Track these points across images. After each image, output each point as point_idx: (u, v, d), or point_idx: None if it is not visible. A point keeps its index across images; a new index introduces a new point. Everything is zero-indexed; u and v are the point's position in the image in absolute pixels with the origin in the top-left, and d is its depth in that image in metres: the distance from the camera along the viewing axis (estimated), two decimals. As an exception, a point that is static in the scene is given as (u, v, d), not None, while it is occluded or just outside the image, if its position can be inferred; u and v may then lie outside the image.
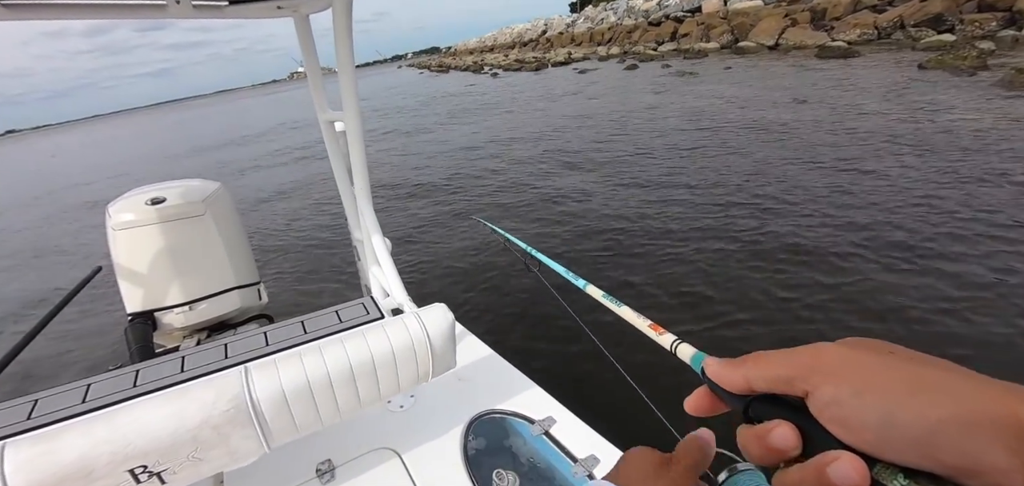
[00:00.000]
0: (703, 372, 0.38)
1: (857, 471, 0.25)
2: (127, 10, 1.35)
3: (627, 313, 0.65)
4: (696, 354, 0.41)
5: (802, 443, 0.28)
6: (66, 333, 4.34)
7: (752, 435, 0.30)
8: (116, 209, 1.82)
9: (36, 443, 0.79)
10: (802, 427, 0.28)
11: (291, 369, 0.95)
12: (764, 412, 0.31)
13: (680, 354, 0.45)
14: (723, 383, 0.34)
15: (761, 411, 0.32)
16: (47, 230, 9.16)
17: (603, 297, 0.78)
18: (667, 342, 0.49)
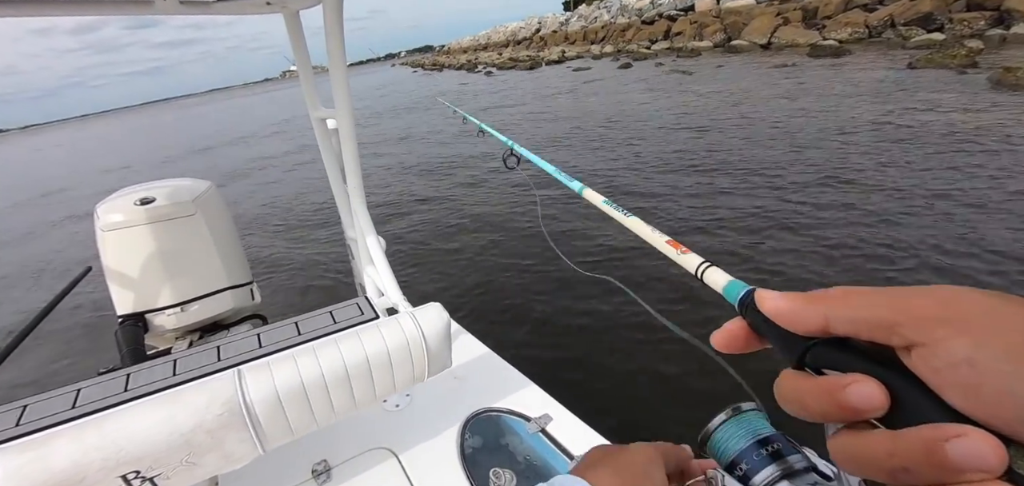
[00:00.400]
0: (743, 304, 0.33)
1: (996, 453, 0.20)
2: (112, 6, 1.33)
3: (637, 225, 0.54)
4: (732, 282, 0.36)
5: (890, 406, 0.23)
6: (52, 333, 4.29)
7: (817, 387, 0.25)
8: (104, 209, 1.79)
9: (25, 450, 0.77)
10: (892, 386, 0.23)
11: (285, 371, 0.94)
12: (831, 360, 0.26)
13: (708, 280, 0.39)
14: (789, 319, 0.28)
15: (827, 358, 0.26)
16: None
17: (605, 204, 0.66)
18: (691, 265, 0.42)
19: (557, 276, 3.95)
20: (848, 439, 0.25)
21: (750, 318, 0.32)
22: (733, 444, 0.39)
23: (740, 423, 0.39)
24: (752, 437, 0.38)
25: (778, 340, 0.30)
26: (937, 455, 0.21)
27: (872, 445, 0.23)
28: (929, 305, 0.23)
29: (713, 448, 0.40)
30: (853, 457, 0.24)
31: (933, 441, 0.21)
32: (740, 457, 0.38)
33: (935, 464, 0.21)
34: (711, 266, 0.39)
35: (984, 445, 0.20)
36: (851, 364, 0.25)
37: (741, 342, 0.33)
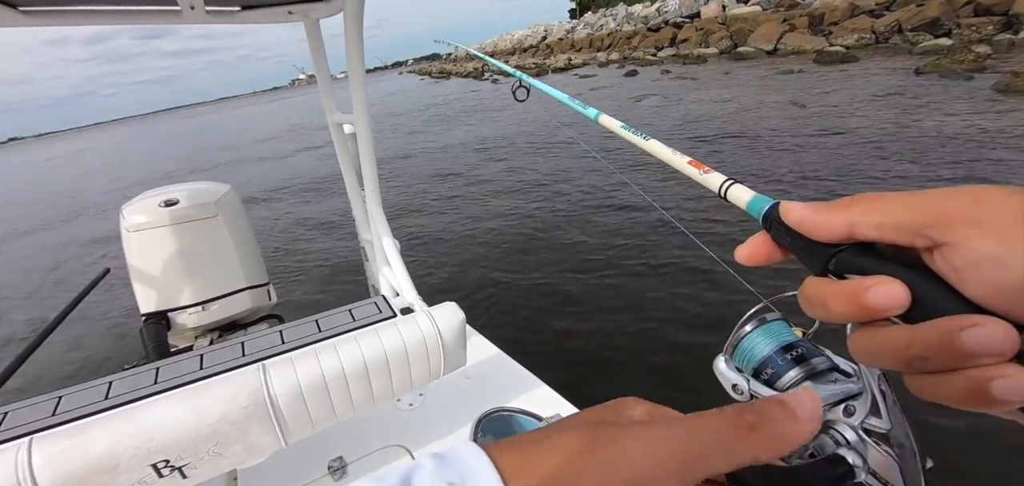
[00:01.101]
0: (767, 218, 0.33)
1: (1009, 339, 0.21)
2: (143, 16, 1.39)
3: (657, 148, 0.53)
4: (756, 197, 0.36)
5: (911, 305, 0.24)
6: (71, 335, 4.37)
7: (841, 291, 0.26)
8: (130, 210, 1.85)
9: (62, 438, 0.80)
10: (913, 286, 0.24)
11: (307, 366, 0.97)
12: (855, 265, 0.27)
13: (732, 198, 0.39)
14: (814, 227, 0.28)
15: (851, 264, 0.27)
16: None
17: (623, 128, 0.65)
18: (715, 183, 0.42)
19: (566, 275, 3.99)
20: (868, 334, 0.26)
21: (774, 232, 0.33)
22: (759, 350, 0.41)
23: (765, 331, 0.42)
24: (777, 343, 0.41)
25: (803, 251, 0.30)
26: (953, 343, 0.22)
27: (891, 337, 0.25)
28: (959, 205, 0.23)
29: (740, 355, 0.43)
30: (873, 350, 0.26)
31: (949, 331, 0.22)
32: (765, 362, 0.41)
33: (951, 351, 0.22)
34: (735, 183, 0.39)
35: (997, 331, 0.21)
36: (874, 268, 0.26)
37: (764, 255, 0.33)
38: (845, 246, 0.27)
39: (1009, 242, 0.21)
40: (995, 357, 0.21)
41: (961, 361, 0.22)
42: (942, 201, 0.24)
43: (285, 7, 1.45)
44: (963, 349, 0.22)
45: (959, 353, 0.22)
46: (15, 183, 23.18)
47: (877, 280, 0.25)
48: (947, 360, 0.23)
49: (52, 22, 1.32)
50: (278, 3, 1.44)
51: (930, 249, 0.24)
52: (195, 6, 1.32)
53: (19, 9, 1.24)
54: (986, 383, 0.22)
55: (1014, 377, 0.21)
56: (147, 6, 1.37)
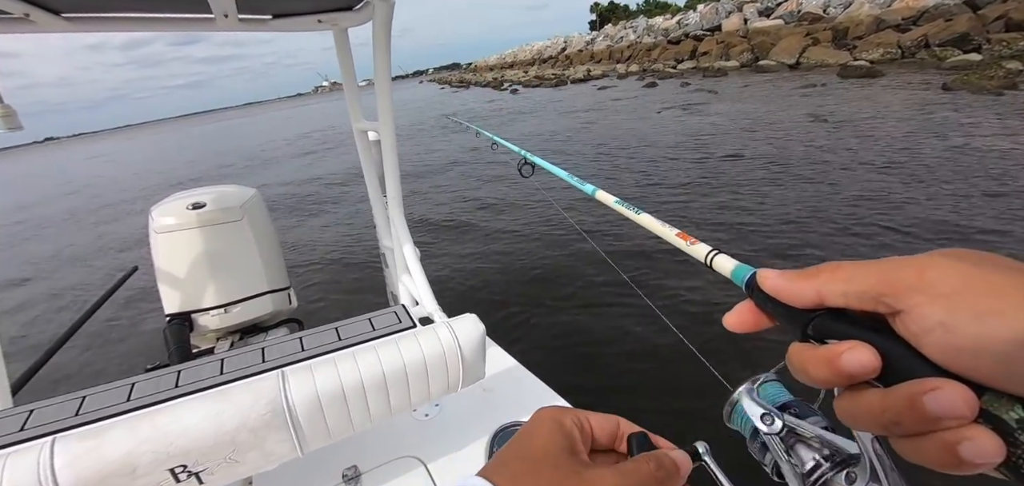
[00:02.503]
0: (749, 285, 0.35)
1: (966, 402, 0.22)
2: (179, 23, 1.43)
3: (648, 221, 0.56)
4: (739, 266, 0.38)
5: (882, 368, 0.26)
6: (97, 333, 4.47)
7: (818, 356, 0.27)
8: (158, 212, 1.89)
9: (84, 439, 0.80)
10: (882, 350, 0.26)
11: (326, 374, 0.96)
12: (830, 330, 0.28)
13: (717, 267, 0.41)
14: (787, 295, 0.31)
15: (826, 329, 0.29)
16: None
17: (617, 203, 0.69)
18: (701, 253, 0.43)
19: (586, 289, 3.97)
20: (849, 399, 0.27)
21: (756, 299, 0.34)
22: (754, 411, 0.41)
23: (760, 393, 0.41)
24: (772, 403, 0.40)
25: (783, 317, 0.32)
26: (917, 407, 0.23)
27: (868, 402, 0.26)
28: (908, 275, 0.25)
29: (736, 416, 0.42)
30: (853, 414, 0.27)
31: (914, 395, 0.23)
32: (788, 405, 0.40)
33: (917, 415, 0.23)
34: (719, 253, 0.41)
35: (956, 395, 0.22)
36: (848, 333, 0.27)
37: (751, 322, 0.35)
38: (821, 311, 0.29)
39: (955, 310, 0.23)
40: (957, 420, 0.22)
41: (928, 425, 0.23)
42: (894, 271, 0.26)
43: (315, 16, 1.48)
44: (927, 413, 0.23)
45: (925, 417, 0.23)
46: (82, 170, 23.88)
47: (849, 345, 0.26)
48: (917, 424, 0.23)
49: (92, 27, 1.36)
50: (308, 12, 1.47)
51: (894, 315, 0.26)
52: (228, 14, 1.35)
53: (62, 15, 1.28)
54: (955, 446, 0.22)
55: (978, 439, 0.22)
56: (182, 14, 1.41)
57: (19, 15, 1.20)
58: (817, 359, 0.27)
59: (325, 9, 1.46)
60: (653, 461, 0.36)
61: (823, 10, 24.73)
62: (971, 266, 0.24)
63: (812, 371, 0.28)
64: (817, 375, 0.28)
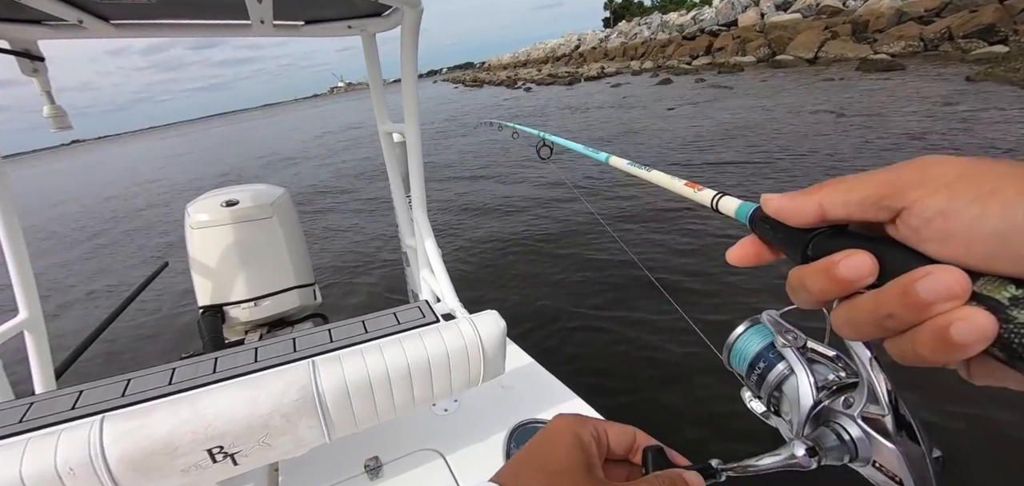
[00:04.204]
0: (752, 220, 0.36)
1: (958, 281, 0.23)
2: (219, 29, 1.50)
3: (658, 177, 0.61)
4: (743, 204, 0.39)
5: (878, 273, 0.26)
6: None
7: (816, 269, 0.28)
8: (194, 209, 1.98)
9: (130, 418, 0.86)
10: (879, 255, 0.26)
11: (354, 365, 1.00)
12: (829, 247, 0.29)
13: (722, 209, 0.42)
14: (790, 213, 0.31)
15: (825, 247, 0.29)
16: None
17: (629, 165, 0.74)
18: (706, 199, 0.45)
19: (605, 289, 4.00)
20: (845, 306, 0.28)
21: (759, 230, 0.35)
22: (751, 348, 0.43)
23: (756, 331, 0.43)
24: (767, 340, 0.42)
25: (784, 241, 0.33)
26: (910, 295, 0.24)
27: (862, 304, 0.27)
28: (909, 174, 0.26)
29: (734, 356, 0.44)
30: (851, 320, 0.28)
31: (907, 285, 0.24)
32: (758, 358, 0.42)
33: (910, 304, 0.24)
34: (724, 195, 0.43)
35: (947, 275, 0.23)
36: (846, 246, 0.28)
37: (753, 255, 0.36)
38: (820, 230, 0.30)
39: (955, 197, 0.24)
40: (949, 301, 0.23)
41: (921, 312, 0.24)
42: (895, 173, 0.27)
43: (345, 22, 1.54)
44: (920, 299, 0.24)
45: (917, 304, 0.24)
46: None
47: (846, 253, 0.27)
48: (910, 313, 0.24)
49: (139, 33, 1.45)
50: (339, 18, 1.53)
51: (892, 219, 0.27)
52: (264, 20, 1.42)
53: (111, 22, 1.37)
54: (946, 329, 0.23)
55: (970, 318, 0.23)
56: (222, 20, 1.48)
57: (73, 22, 1.28)
58: (815, 271, 0.28)
59: (355, 15, 1.52)
60: (666, 480, 0.37)
61: (842, 3, 24.31)
62: (969, 160, 0.25)
63: (810, 284, 0.29)
64: (814, 287, 0.28)
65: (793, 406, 0.39)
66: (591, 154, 0.98)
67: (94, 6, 1.24)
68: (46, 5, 1.13)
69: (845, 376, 0.38)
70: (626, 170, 0.74)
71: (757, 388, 0.43)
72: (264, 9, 1.30)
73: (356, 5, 1.44)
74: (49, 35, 1.34)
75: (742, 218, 0.38)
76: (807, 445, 0.37)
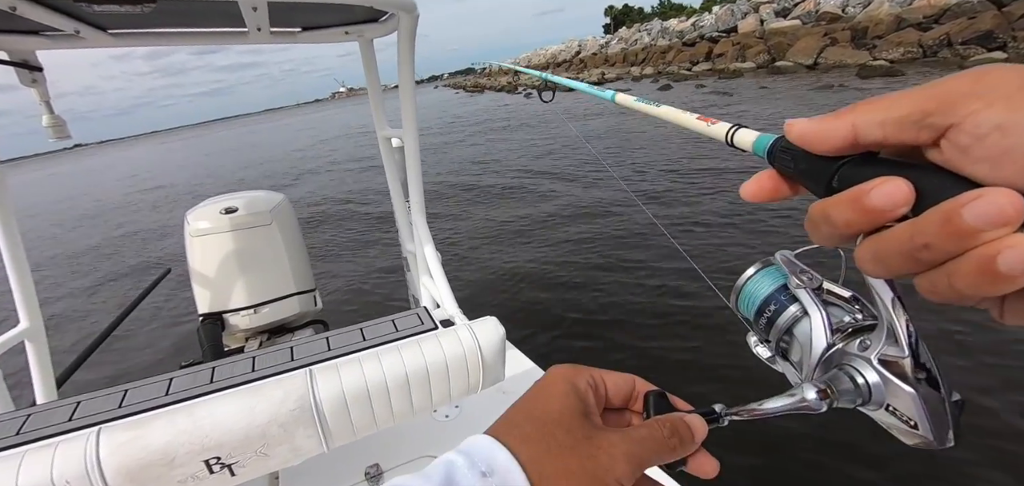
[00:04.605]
0: (771, 153, 0.33)
1: (1013, 203, 0.20)
2: (216, 37, 1.51)
3: (668, 112, 0.57)
4: (761, 136, 0.36)
5: (914, 202, 0.23)
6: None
7: (842, 199, 0.25)
8: (194, 217, 1.98)
9: (127, 430, 0.85)
10: (916, 181, 0.23)
11: (352, 374, 0.99)
12: (858, 176, 0.25)
13: (738, 142, 0.39)
14: (816, 140, 0.27)
15: (854, 176, 0.26)
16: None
17: (637, 101, 0.70)
18: (721, 132, 0.42)
19: (604, 287, 4.00)
20: (873, 239, 0.25)
21: (779, 163, 0.32)
22: (761, 290, 0.41)
23: (766, 273, 0.42)
24: (777, 283, 0.41)
25: (806, 173, 0.29)
26: (954, 221, 0.21)
27: (896, 234, 0.23)
28: (962, 85, 0.23)
29: (743, 299, 0.43)
30: (878, 254, 0.24)
31: (951, 210, 0.21)
32: (768, 301, 0.41)
33: (953, 231, 0.21)
34: (740, 128, 0.40)
35: (1001, 197, 0.20)
36: (879, 174, 0.24)
37: (770, 190, 0.33)
38: (847, 158, 0.27)
39: (1014, 109, 0.21)
40: (1001, 227, 0.20)
41: (966, 241, 0.21)
42: (944, 85, 0.24)
43: (342, 28, 1.54)
44: (965, 226, 0.21)
45: (962, 231, 0.21)
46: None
47: (879, 181, 0.24)
48: (952, 243, 0.21)
49: (136, 42, 1.46)
50: (336, 25, 1.54)
51: (935, 141, 0.23)
52: (261, 28, 1.42)
53: (108, 31, 1.37)
54: (993, 259, 0.20)
55: (1021, 247, 0.20)
56: (218, 28, 1.49)
57: (70, 32, 1.28)
58: (843, 201, 0.25)
59: (352, 21, 1.52)
60: (667, 425, 0.36)
61: (842, 10, 24.39)
62: None
63: (836, 215, 0.25)
64: (840, 219, 0.25)
65: (804, 349, 0.38)
66: (596, 93, 0.95)
67: (91, 16, 1.24)
68: (43, 16, 1.13)
69: (862, 318, 0.37)
70: (633, 107, 0.70)
71: (765, 332, 0.41)
72: (260, 17, 1.30)
73: (353, 11, 1.44)
74: (47, 45, 1.35)
75: (759, 151, 0.35)
76: (818, 388, 0.35)
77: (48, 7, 1.12)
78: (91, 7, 1.11)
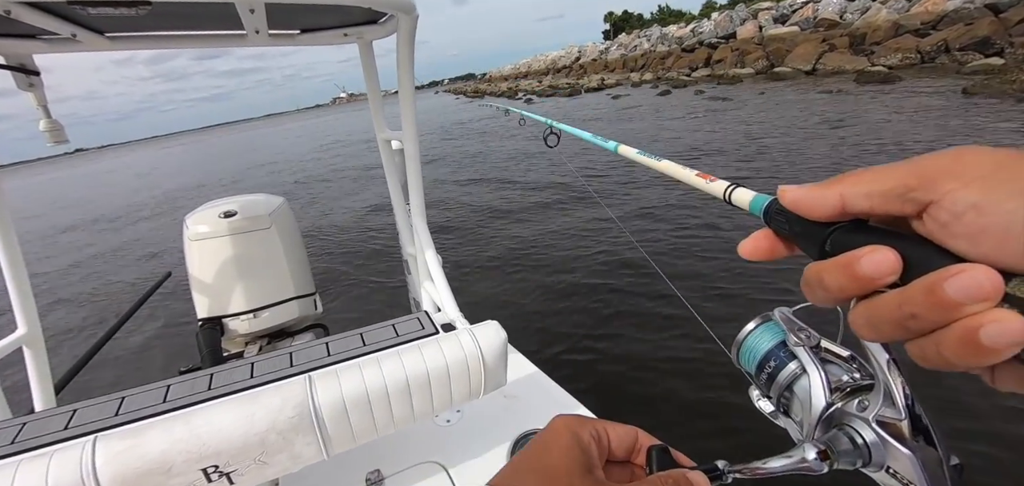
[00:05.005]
0: (767, 213, 0.35)
1: (990, 280, 0.21)
2: (214, 40, 1.50)
3: (669, 167, 0.58)
4: (757, 196, 0.37)
5: (902, 270, 0.24)
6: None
7: (834, 265, 0.27)
8: (193, 220, 1.97)
9: (124, 438, 0.84)
10: (903, 251, 0.25)
11: (351, 380, 0.98)
12: (849, 243, 0.27)
13: (735, 201, 0.41)
14: (807, 207, 0.29)
15: (845, 242, 0.27)
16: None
17: (639, 154, 0.71)
18: (719, 190, 0.44)
19: (609, 296, 3.99)
20: (865, 305, 0.26)
21: (775, 225, 0.34)
22: (762, 346, 0.41)
23: (767, 328, 0.42)
24: (778, 339, 0.41)
25: (801, 235, 0.31)
26: (937, 293, 0.22)
27: (884, 302, 0.25)
28: (941, 164, 0.24)
29: (744, 354, 0.43)
30: (870, 319, 0.26)
31: (935, 283, 0.22)
32: (768, 356, 0.41)
33: (937, 303, 0.22)
34: (737, 187, 0.41)
35: (980, 274, 0.21)
36: (867, 242, 0.26)
37: (766, 249, 0.34)
38: (839, 224, 0.28)
39: (989, 190, 0.22)
40: (980, 302, 0.21)
41: (949, 312, 0.22)
42: (925, 163, 0.25)
43: (341, 30, 1.53)
44: (947, 298, 0.22)
45: (945, 303, 0.22)
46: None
47: (869, 249, 0.25)
48: (936, 314, 0.23)
49: (133, 46, 1.45)
50: (335, 27, 1.53)
51: (919, 214, 0.25)
52: (260, 30, 1.42)
53: (105, 35, 1.37)
54: (976, 331, 0.21)
55: (1002, 321, 0.21)
56: (216, 31, 1.48)
57: (66, 36, 1.27)
58: (835, 267, 0.26)
59: (351, 23, 1.52)
60: (670, 481, 0.35)
61: (840, 16, 24.53)
62: (1007, 151, 0.23)
63: (829, 280, 0.27)
64: (834, 284, 0.26)
65: (804, 407, 0.38)
66: (599, 143, 0.96)
67: (88, 20, 1.23)
68: (40, 20, 1.12)
69: (860, 378, 0.37)
70: (636, 159, 0.72)
71: (767, 388, 0.41)
72: (258, 19, 1.29)
73: (352, 13, 1.43)
74: (44, 49, 1.34)
75: (756, 211, 0.36)
76: (818, 448, 0.35)
77: (44, 11, 1.11)
78: (86, 10, 1.10)
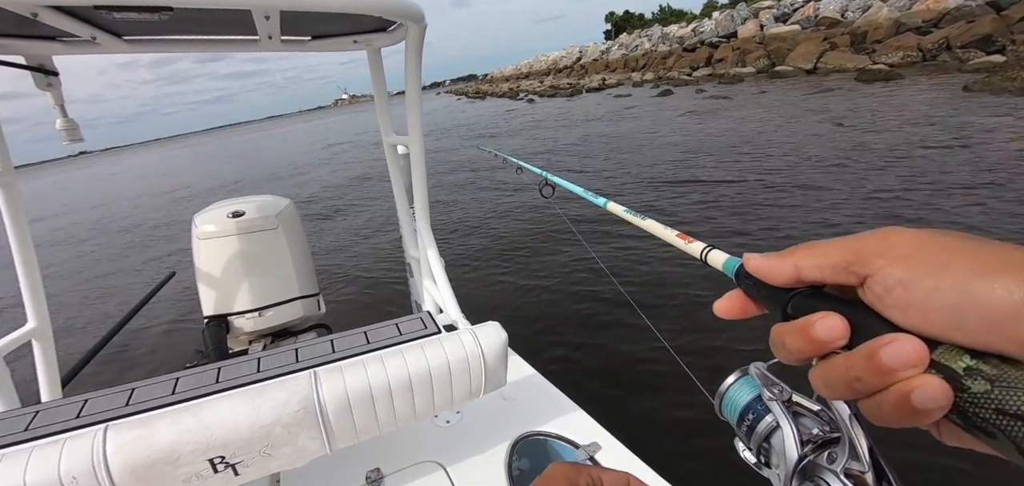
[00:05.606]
0: (738, 275, 0.38)
1: (916, 351, 0.24)
2: (228, 45, 1.53)
3: (652, 226, 0.63)
4: (729, 259, 0.40)
5: (850, 335, 0.28)
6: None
7: (793, 328, 0.30)
8: (201, 220, 2.01)
9: (133, 428, 0.86)
10: (850, 318, 0.28)
11: (356, 376, 1.00)
12: (806, 307, 0.30)
13: (711, 261, 0.44)
14: (768, 274, 0.33)
15: (803, 306, 0.31)
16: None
17: (626, 212, 0.76)
18: (696, 251, 0.47)
19: (606, 306, 4.02)
20: (821, 366, 0.29)
21: (744, 285, 0.37)
22: (741, 399, 0.43)
23: (746, 382, 0.44)
24: (756, 392, 0.43)
25: (765, 297, 0.34)
26: (875, 360, 0.25)
27: (835, 365, 0.28)
28: (872, 243, 0.28)
29: (726, 406, 0.45)
30: (824, 378, 0.29)
31: (872, 350, 0.25)
32: (747, 409, 0.43)
33: (875, 369, 0.25)
34: (712, 250, 0.44)
35: (907, 344, 0.24)
36: (821, 308, 0.29)
37: (739, 309, 0.38)
38: (799, 290, 0.32)
39: (912, 268, 0.26)
40: (909, 369, 0.24)
41: (885, 377, 0.25)
42: (860, 241, 0.29)
43: (351, 37, 1.56)
44: (883, 364, 0.25)
45: (881, 369, 0.25)
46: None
47: (820, 315, 0.28)
48: (876, 378, 0.25)
49: (150, 49, 1.48)
50: (345, 34, 1.56)
51: (861, 284, 0.28)
52: (273, 36, 1.45)
53: (123, 38, 1.41)
54: (908, 395, 0.24)
55: (928, 386, 0.24)
56: (231, 36, 1.51)
57: (87, 38, 1.30)
58: (793, 331, 0.30)
59: (360, 31, 1.55)
60: None
61: (841, 14, 24.49)
62: (928, 233, 0.27)
63: (789, 342, 0.30)
64: (793, 345, 0.30)
65: (780, 459, 0.40)
66: (590, 198, 1.02)
67: (108, 23, 1.26)
68: (61, 22, 1.16)
69: (829, 430, 0.39)
70: (622, 216, 0.77)
71: (747, 439, 0.43)
72: (272, 25, 1.33)
73: (362, 21, 1.46)
74: (63, 51, 1.37)
75: (729, 272, 0.39)
76: None
77: (68, 14, 1.14)
78: (111, 14, 1.13)
